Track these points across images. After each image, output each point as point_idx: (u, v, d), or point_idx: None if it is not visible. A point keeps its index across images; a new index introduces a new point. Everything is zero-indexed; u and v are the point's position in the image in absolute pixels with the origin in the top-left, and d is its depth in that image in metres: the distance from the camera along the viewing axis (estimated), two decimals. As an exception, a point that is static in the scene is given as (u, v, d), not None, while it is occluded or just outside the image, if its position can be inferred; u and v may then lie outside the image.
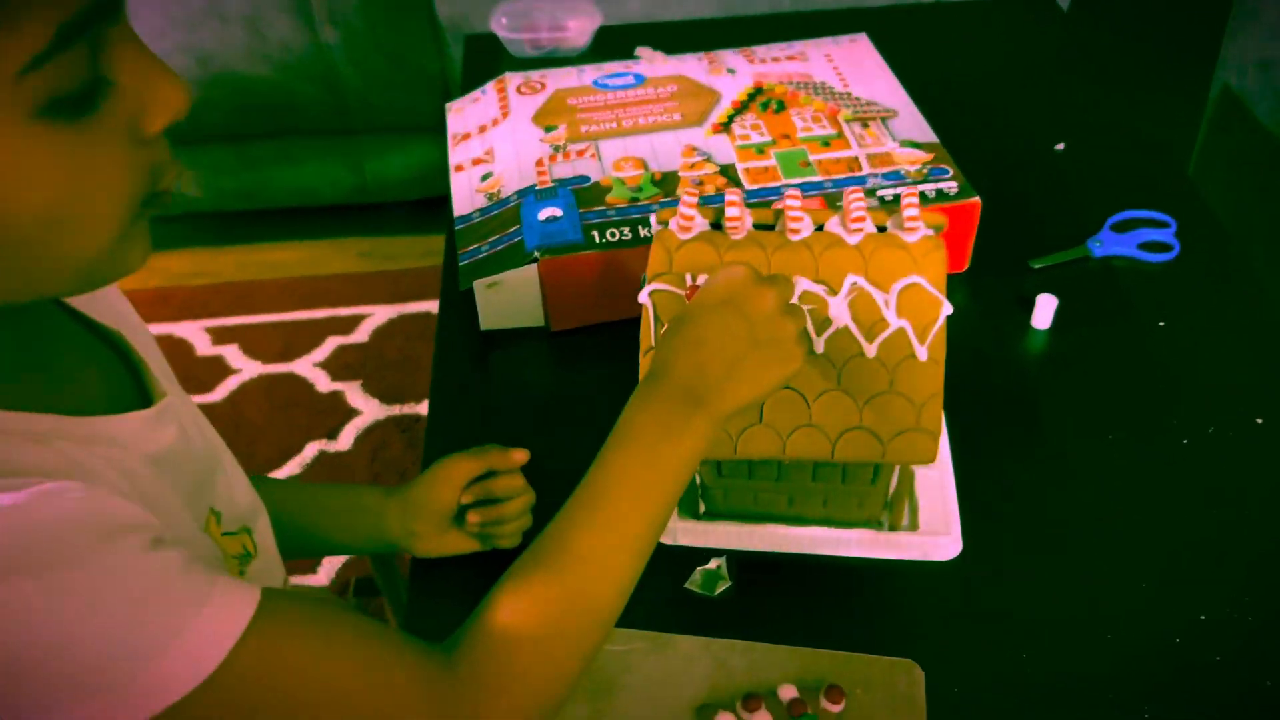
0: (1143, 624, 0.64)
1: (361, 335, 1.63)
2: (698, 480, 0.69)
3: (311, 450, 1.46)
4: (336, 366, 1.59)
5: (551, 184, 0.89)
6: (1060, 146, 1.02)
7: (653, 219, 0.64)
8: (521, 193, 0.89)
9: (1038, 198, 0.97)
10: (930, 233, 0.62)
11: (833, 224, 0.62)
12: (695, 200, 0.62)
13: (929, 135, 0.92)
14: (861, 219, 0.61)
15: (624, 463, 0.52)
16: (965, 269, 0.89)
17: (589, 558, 0.50)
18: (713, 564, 0.69)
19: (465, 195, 0.92)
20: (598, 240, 0.83)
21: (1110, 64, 1.15)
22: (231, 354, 1.62)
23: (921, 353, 0.60)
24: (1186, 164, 1.01)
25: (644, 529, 0.52)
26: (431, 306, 1.70)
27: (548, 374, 0.85)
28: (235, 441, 1.47)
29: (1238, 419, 0.75)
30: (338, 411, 1.52)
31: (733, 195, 0.61)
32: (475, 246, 0.86)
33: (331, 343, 1.63)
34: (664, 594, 0.67)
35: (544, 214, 0.86)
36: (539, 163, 0.92)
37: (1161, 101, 1.17)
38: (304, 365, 1.59)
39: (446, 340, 0.87)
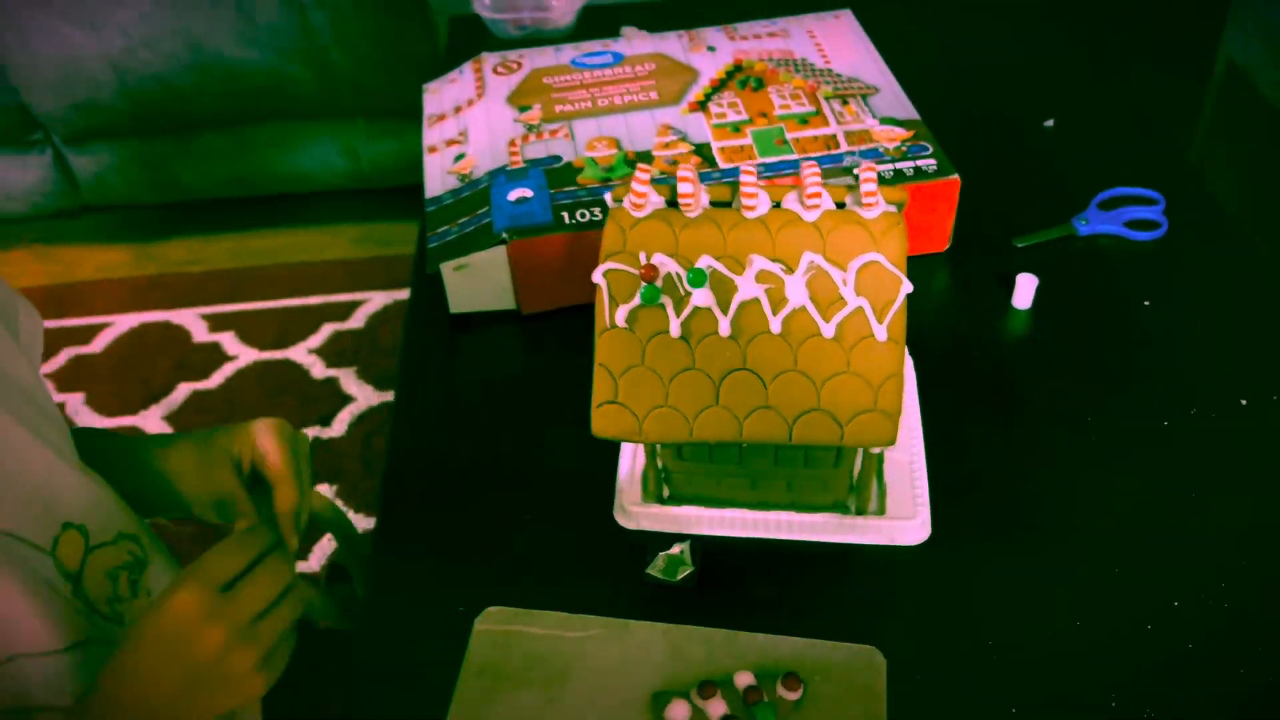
0: (1115, 611, 0.62)
1: (357, 321, 1.63)
2: (659, 464, 0.68)
3: (304, 437, 1.46)
4: (331, 353, 1.58)
5: (523, 164, 0.88)
6: (1050, 123, 1.00)
7: (607, 196, 0.63)
8: (493, 174, 0.87)
9: (1024, 175, 0.95)
10: (890, 209, 0.60)
11: (789, 200, 0.60)
12: (648, 177, 0.60)
13: (910, 112, 0.89)
14: (818, 194, 0.59)
15: None
16: (946, 248, 0.87)
17: None
18: (675, 549, 0.67)
19: (437, 177, 0.91)
20: (567, 221, 0.82)
21: (1107, 39, 1.12)
22: (228, 341, 1.62)
23: (880, 333, 0.59)
24: (1182, 140, 0.99)
25: None
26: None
27: (518, 358, 0.84)
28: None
29: (1222, 400, 0.73)
30: (332, 398, 1.52)
31: (686, 170, 0.59)
32: (445, 229, 0.85)
33: (327, 329, 1.62)
34: (623, 579, 0.66)
35: (514, 195, 0.84)
36: (512, 143, 0.90)
37: (1160, 77, 1.13)
38: (299, 352, 1.59)
39: (416, 325, 0.86)
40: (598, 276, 0.62)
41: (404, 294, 1.69)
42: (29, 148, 1.70)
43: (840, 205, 0.60)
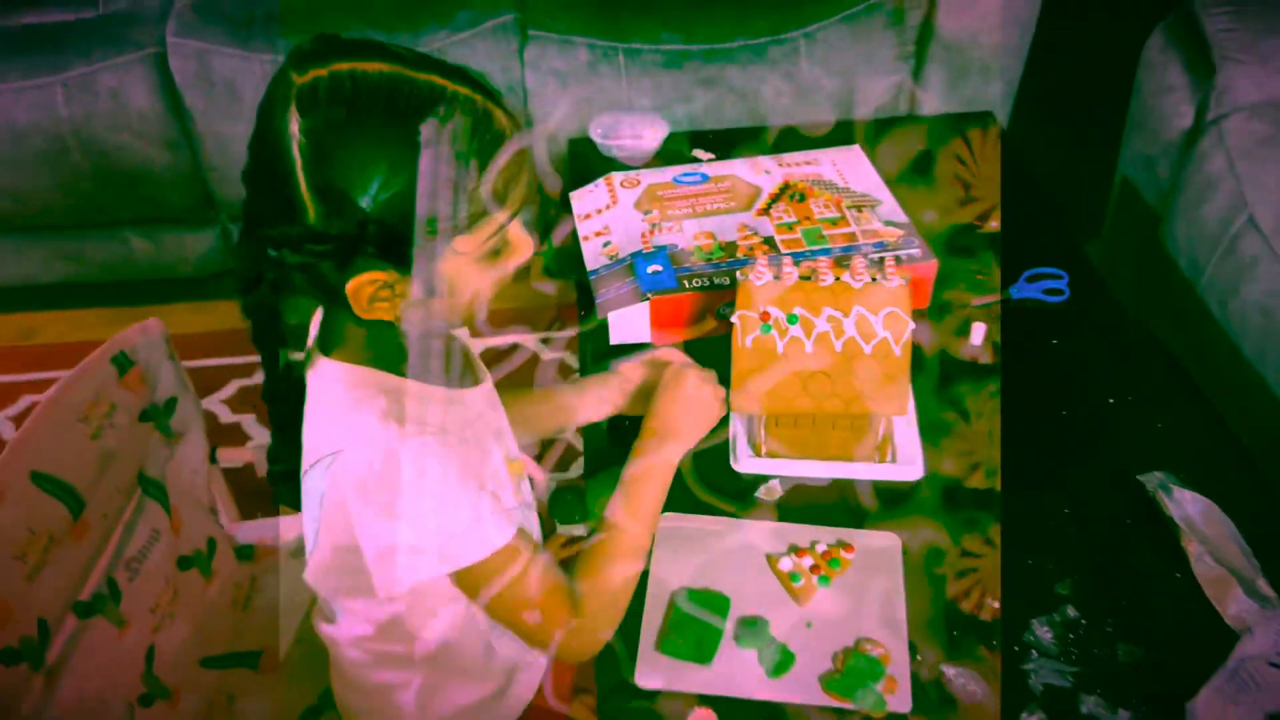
0: (1031, 515, 1.07)
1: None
2: (762, 433, 1.13)
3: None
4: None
5: (653, 249, 1.34)
6: (995, 224, 1.48)
7: (738, 273, 1.09)
8: (632, 254, 1.33)
9: (977, 258, 1.42)
10: (902, 282, 1.06)
11: (846, 277, 1.07)
12: (765, 261, 1.07)
13: (903, 217, 1.37)
14: (863, 274, 1.06)
15: (638, 472, 0.97)
16: (927, 305, 1.34)
17: (627, 529, 0.94)
18: (773, 483, 1.12)
19: (593, 256, 1.36)
20: (687, 286, 1.28)
21: (1038, 164, 1.61)
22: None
23: (898, 351, 1.05)
24: (1082, 235, 1.46)
25: (654, 511, 0.97)
26: (517, 339, 2.15)
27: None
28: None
29: (1097, 399, 1.20)
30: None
31: (787, 258, 1.06)
32: (605, 290, 1.31)
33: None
34: (741, 500, 1.10)
35: (650, 269, 1.30)
36: (643, 235, 1.37)
37: (1070, 189, 1.62)
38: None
39: (587, 350, 1.31)
40: (735, 319, 1.07)
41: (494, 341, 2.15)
42: (205, 225, 2.15)
43: (874, 279, 1.07)
